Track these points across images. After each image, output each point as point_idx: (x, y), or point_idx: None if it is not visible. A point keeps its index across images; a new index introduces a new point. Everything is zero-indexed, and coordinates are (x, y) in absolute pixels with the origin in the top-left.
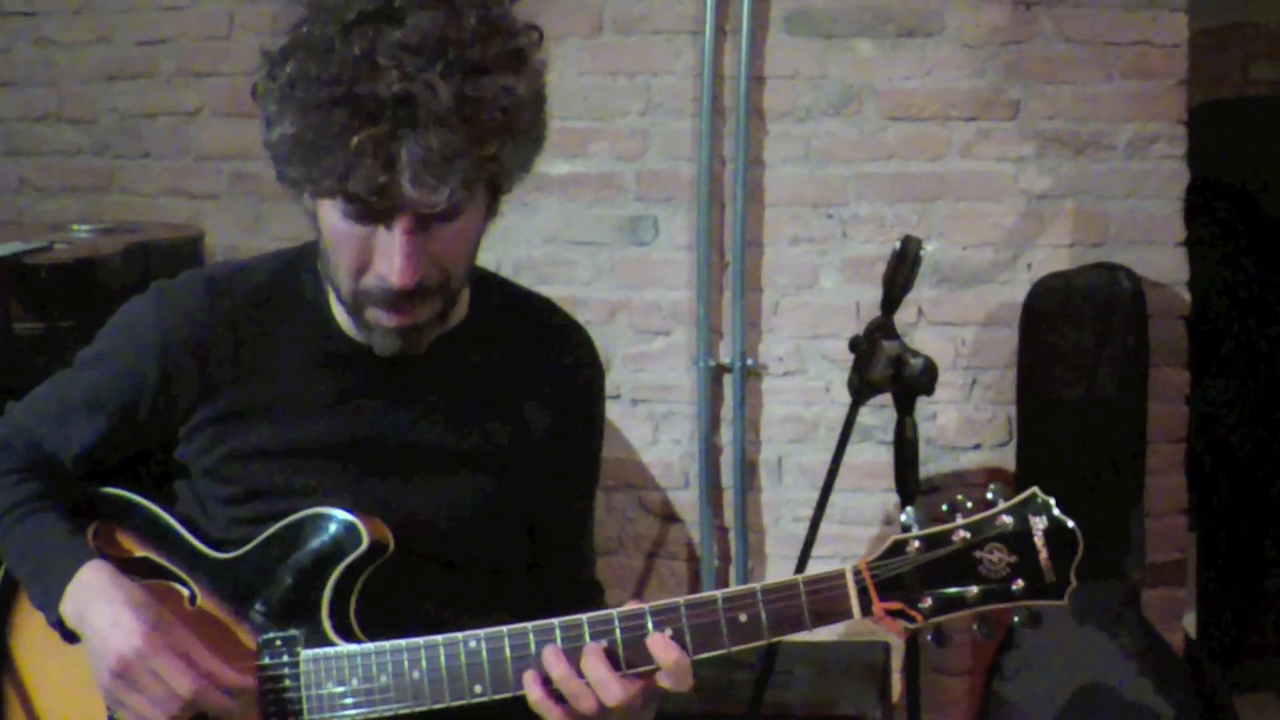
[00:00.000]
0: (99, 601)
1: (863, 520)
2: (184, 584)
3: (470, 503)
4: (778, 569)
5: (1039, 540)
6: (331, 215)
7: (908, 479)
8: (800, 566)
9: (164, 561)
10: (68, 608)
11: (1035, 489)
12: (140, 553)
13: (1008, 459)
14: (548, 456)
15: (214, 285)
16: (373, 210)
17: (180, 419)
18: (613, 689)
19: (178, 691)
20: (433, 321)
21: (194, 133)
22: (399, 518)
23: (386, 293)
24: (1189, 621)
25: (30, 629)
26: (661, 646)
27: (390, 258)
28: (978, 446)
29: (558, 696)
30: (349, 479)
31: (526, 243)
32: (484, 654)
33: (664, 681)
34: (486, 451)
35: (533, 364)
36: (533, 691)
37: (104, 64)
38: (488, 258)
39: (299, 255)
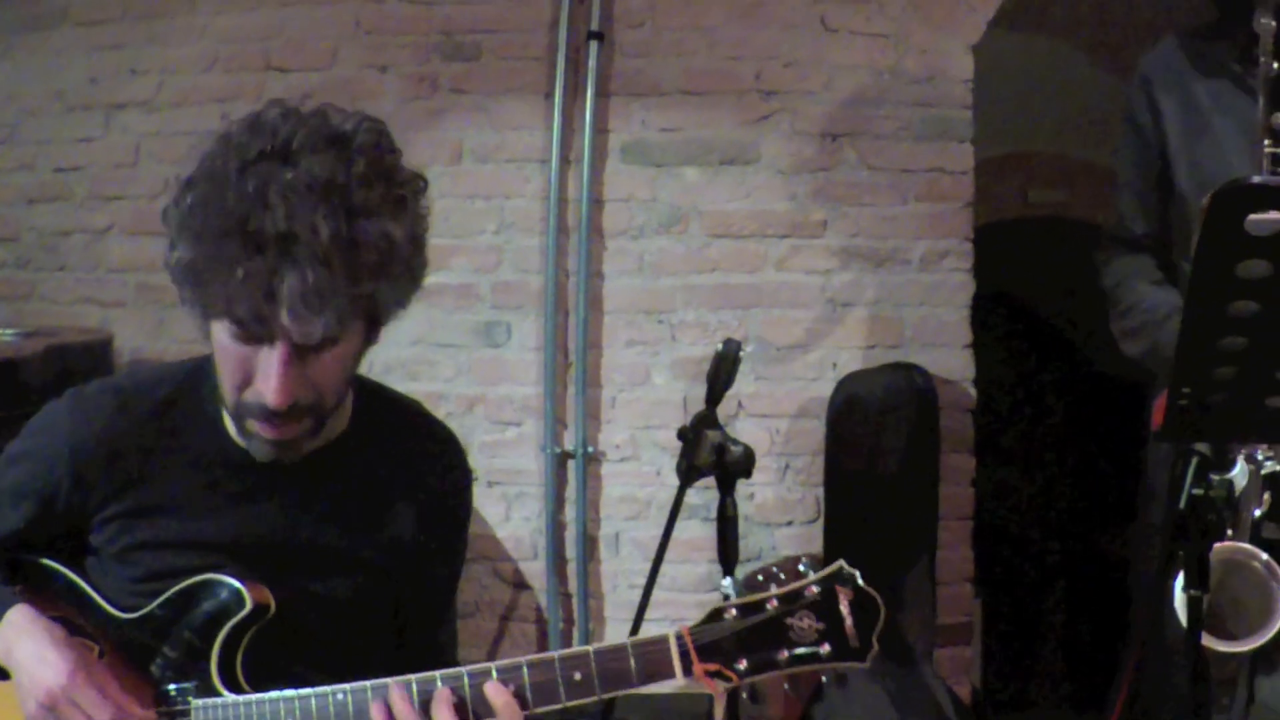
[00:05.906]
0: (25, 640)
1: (690, 587)
2: (94, 640)
3: (343, 597)
4: (615, 630)
5: (845, 609)
6: (221, 334)
7: (729, 551)
8: (635, 628)
9: (77, 620)
10: None
11: (842, 562)
12: (57, 613)
13: (816, 534)
14: (416, 560)
15: (122, 397)
16: (255, 333)
17: (93, 512)
18: None
19: None
20: (306, 435)
21: (104, 249)
22: (282, 604)
23: (263, 409)
24: (975, 677)
25: None
26: (495, 691)
27: (268, 379)
28: (790, 523)
29: None
30: (240, 570)
31: (395, 344)
32: (350, 705)
33: None
34: (361, 552)
35: (409, 475)
36: None
37: (25, 188)
38: None
39: (201, 369)
